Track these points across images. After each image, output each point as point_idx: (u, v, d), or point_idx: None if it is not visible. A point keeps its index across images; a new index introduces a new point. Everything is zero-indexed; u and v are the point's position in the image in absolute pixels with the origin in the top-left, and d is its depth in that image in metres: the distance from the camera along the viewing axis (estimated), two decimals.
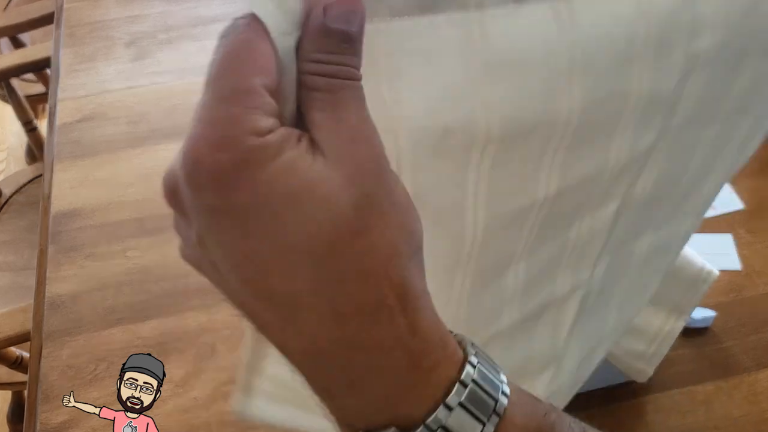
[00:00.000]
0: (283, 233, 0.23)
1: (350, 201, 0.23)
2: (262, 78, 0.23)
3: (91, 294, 0.84)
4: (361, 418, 0.26)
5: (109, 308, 0.83)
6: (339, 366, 0.25)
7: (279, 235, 0.23)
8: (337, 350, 0.25)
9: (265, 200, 0.23)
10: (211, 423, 0.74)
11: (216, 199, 0.23)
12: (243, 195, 0.23)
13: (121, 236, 0.90)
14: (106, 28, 1.19)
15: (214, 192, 0.23)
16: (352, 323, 0.24)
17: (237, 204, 0.23)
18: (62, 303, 0.84)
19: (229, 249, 0.24)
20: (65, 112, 1.06)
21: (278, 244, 0.24)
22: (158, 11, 1.22)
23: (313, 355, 0.25)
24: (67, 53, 1.15)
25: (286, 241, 0.23)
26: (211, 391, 0.76)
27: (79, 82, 1.10)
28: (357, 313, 0.24)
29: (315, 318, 0.24)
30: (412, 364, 0.25)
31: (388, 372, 0.25)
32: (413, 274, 0.25)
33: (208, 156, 0.23)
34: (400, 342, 0.25)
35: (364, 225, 0.24)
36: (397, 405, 0.26)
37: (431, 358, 0.26)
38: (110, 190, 0.95)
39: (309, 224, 0.23)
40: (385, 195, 0.25)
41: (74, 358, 0.79)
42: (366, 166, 0.24)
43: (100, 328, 0.82)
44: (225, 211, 0.24)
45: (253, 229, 0.23)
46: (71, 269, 0.87)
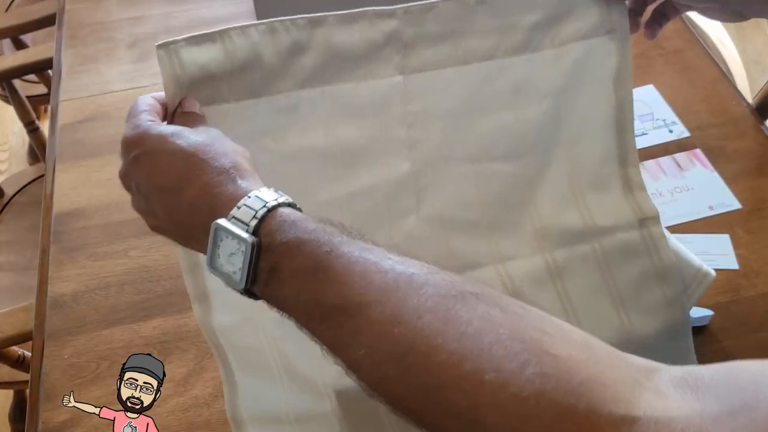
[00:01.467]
0: (166, 163, 0.47)
1: (189, 148, 0.48)
2: (149, 106, 0.52)
3: (93, 293, 0.85)
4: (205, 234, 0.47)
5: (111, 307, 0.83)
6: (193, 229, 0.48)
7: (164, 163, 0.48)
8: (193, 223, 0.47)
9: (158, 145, 0.48)
10: (212, 421, 0.74)
11: (136, 150, 0.48)
12: (148, 143, 0.48)
13: (122, 236, 0.90)
14: (108, 30, 1.20)
15: (135, 147, 0.49)
16: (190, 212, 0.47)
17: (146, 149, 0.48)
18: (64, 302, 0.84)
19: (147, 174, 0.48)
20: (67, 113, 1.06)
21: (164, 167, 0.48)
22: (160, 13, 1.22)
23: (180, 228, 0.49)
24: (69, 54, 1.16)
25: (166, 166, 0.48)
26: (212, 390, 0.76)
27: (81, 83, 1.11)
28: (189, 208, 0.47)
29: (178, 212, 0.47)
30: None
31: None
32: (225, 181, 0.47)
33: (129, 133, 0.49)
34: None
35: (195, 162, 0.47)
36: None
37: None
38: (111, 191, 0.95)
39: (174, 158, 0.47)
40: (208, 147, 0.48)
41: (76, 357, 0.79)
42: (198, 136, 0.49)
43: (101, 328, 0.82)
44: (141, 155, 0.48)
45: (156, 161, 0.48)
46: (73, 269, 0.87)
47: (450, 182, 0.61)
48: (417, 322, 0.37)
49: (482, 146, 0.62)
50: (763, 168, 0.94)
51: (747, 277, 0.83)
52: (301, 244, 0.42)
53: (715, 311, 0.78)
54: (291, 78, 0.58)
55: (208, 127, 0.52)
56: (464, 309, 0.38)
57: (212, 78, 0.55)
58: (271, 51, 0.56)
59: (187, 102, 0.55)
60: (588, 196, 0.64)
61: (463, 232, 0.62)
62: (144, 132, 0.49)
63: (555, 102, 0.63)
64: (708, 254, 0.84)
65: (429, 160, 0.61)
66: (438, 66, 0.61)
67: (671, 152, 0.96)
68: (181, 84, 0.54)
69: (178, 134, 0.48)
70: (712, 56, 1.10)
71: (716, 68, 1.08)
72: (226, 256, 0.43)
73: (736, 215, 0.89)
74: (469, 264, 0.61)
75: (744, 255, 0.85)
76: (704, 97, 1.03)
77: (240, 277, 0.43)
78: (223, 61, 0.55)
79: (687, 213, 0.89)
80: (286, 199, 0.45)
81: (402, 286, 0.39)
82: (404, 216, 0.61)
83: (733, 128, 0.99)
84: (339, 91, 0.59)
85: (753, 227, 0.88)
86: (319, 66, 0.58)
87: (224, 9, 1.22)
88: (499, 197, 0.63)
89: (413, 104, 0.61)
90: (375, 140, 0.60)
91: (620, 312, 0.61)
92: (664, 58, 1.08)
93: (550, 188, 0.64)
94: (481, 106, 0.62)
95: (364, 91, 0.60)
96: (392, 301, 0.39)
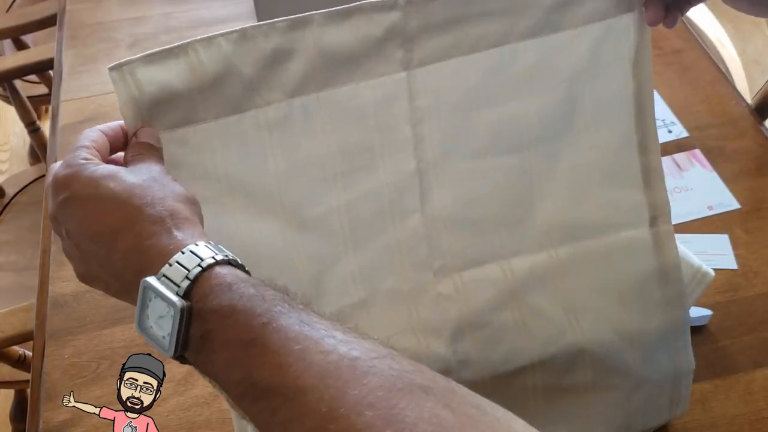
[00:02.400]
0: (98, 209, 0.43)
1: (122, 193, 0.43)
2: (90, 142, 0.47)
3: (94, 293, 0.85)
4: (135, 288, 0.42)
5: (112, 307, 0.84)
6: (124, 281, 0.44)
7: (95, 210, 0.43)
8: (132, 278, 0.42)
9: (88, 189, 0.44)
10: (212, 420, 0.74)
11: (65, 192, 0.44)
12: (78, 187, 0.44)
13: None
14: (109, 30, 1.20)
15: (64, 189, 0.44)
16: (121, 262, 0.43)
17: (75, 193, 0.44)
18: (65, 302, 0.84)
19: (77, 221, 0.44)
20: (68, 113, 1.06)
21: (95, 214, 0.43)
22: (160, 13, 1.22)
23: (117, 284, 0.45)
24: (70, 55, 1.16)
25: (97, 214, 0.43)
26: (212, 389, 0.76)
27: (82, 83, 1.11)
28: (122, 261, 0.43)
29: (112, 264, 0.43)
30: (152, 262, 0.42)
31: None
32: (158, 228, 0.42)
33: (60, 173, 0.45)
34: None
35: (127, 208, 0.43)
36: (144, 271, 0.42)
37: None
38: None
39: (105, 205, 0.43)
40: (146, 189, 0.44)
41: (77, 357, 0.80)
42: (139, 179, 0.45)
43: (102, 327, 0.82)
44: (70, 199, 0.44)
45: (86, 207, 0.44)
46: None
47: (455, 179, 0.59)
48: (356, 419, 0.33)
49: (489, 139, 0.59)
50: (762, 168, 0.94)
51: (746, 277, 0.83)
52: (235, 313, 0.38)
53: (714, 311, 0.78)
54: (278, 88, 0.53)
55: (151, 164, 0.47)
56: (410, 407, 0.33)
57: (181, 97, 0.50)
58: (249, 61, 0.51)
59: (143, 132, 0.50)
60: (601, 189, 0.61)
61: (467, 230, 0.60)
62: (74, 173, 0.44)
63: (570, 88, 0.59)
64: (707, 254, 0.85)
65: (434, 157, 0.58)
66: (445, 57, 0.56)
67: (670, 152, 0.96)
68: (140, 108, 0.49)
69: (113, 176, 0.44)
70: (711, 56, 1.10)
71: (715, 68, 1.08)
72: (156, 318, 0.40)
73: (735, 215, 0.89)
74: (472, 262, 0.60)
75: (743, 255, 0.85)
76: (703, 98, 1.03)
77: (169, 343, 0.39)
78: (189, 78, 0.50)
79: (686, 213, 0.89)
80: (225, 256, 0.41)
81: (343, 373, 0.35)
82: (408, 216, 0.59)
83: (733, 128, 0.99)
84: (336, 96, 0.55)
85: (752, 227, 0.88)
86: (310, 71, 0.53)
87: (224, 9, 1.22)
88: (505, 192, 0.60)
89: (419, 100, 0.57)
90: (378, 143, 0.57)
91: (620, 311, 0.61)
92: (663, 58, 1.09)
93: (559, 182, 0.61)
94: (489, 96, 0.58)
95: (365, 92, 0.56)
96: (331, 390, 0.34)
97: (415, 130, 0.58)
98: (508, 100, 0.59)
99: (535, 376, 0.61)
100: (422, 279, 0.59)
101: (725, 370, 0.75)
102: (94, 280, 0.47)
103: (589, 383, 0.62)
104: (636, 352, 0.62)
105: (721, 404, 0.73)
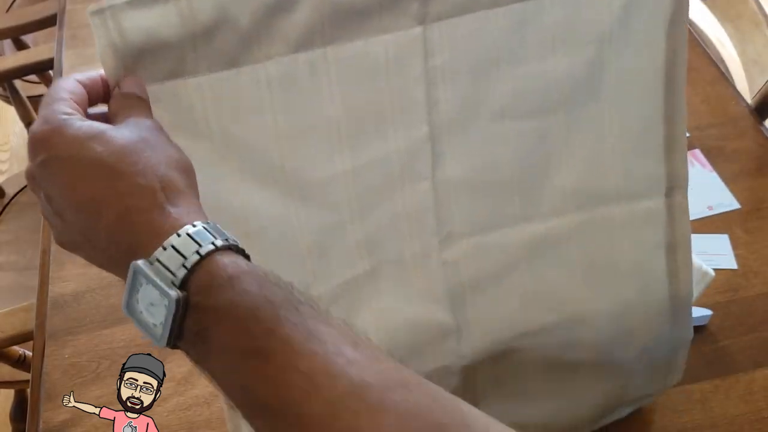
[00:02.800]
0: (81, 176, 0.38)
1: (109, 158, 0.39)
2: (68, 94, 0.42)
3: (94, 293, 0.85)
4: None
5: (112, 307, 0.84)
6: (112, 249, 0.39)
7: (79, 176, 0.38)
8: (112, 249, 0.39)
9: (71, 151, 0.39)
10: (212, 420, 0.74)
11: (45, 153, 0.39)
12: (60, 147, 0.39)
13: None
14: None
15: (43, 149, 0.39)
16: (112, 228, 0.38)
17: (57, 153, 0.39)
18: (65, 302, 0.84)
19: (59, 186, 0.39)
20: None
21: (79, 181, 0.38)
22: None
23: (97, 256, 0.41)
24: (70, 55, 1.16)
25: (81, 180, 0.39)
26: (212, 389, 0.76)
27: None
28: (108, 237, 0.38)
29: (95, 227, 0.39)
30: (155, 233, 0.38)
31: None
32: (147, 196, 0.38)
33: (38, 129, 0.39)
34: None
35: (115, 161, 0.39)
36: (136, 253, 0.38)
37: None
38: None
39: (90, 171, 0.38)
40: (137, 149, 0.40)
41: (77, 357, 0.80)
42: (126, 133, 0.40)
43: (102, 327, 0.82)
44: (50, 160, 0.39)
45: (69, 171, 0.39)
46: (74, 269, 0.88)
47: (469, 144, 0.55)
48: None
49: (509, 102, 0.54)
50: (762, 168, 0.94)
51: (746, 277, 0.83)
52: (236, 314, 0.34)
53: (714, 311, 0.78)
54: (281, 40, 0.48)
55: (141, 119, 0.42)
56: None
57: (170, 47, 0.45)
58: (247, 11, 0.46)
59: (127, 82, 0.44)
60: (620, 157, 0.57)
61: (478, 195, 0.57)
62: (55, 130, 0.39)
63: (598, 51, 0.54)
64: (707, 254, 0.85)
65: (449, 121, 0.54)
66: (465, 11, 0.51)
67: None
68: (123, 57, 0.44)
69: (99, 137, 0.39)
70: (711, 56, 1.10)
71: (715, 68, 1.08)
72: (146, 305, 0.37)
73: (735, 215, 0.89)
74: (480, 228, 0.57)
75: (743, 255, 0.85)
76: (703, 98, 1.03)
77: (161, 333, 0.36)
78: (179, 27, 0.45)
79: None
80: (225, 240, 0.37)
81: (353, 404, 0.32)
82: (417, 183, 0.55)
83: (732, 128, 0.99)
84: (345, 51, 0.50)
85: (752, 227, 0.88)
86: (317, 23, 0.48)
87: None
88: (521, 157, 0.56)
89: (435, 58, 0.52)
90: (389, 105, 0.52)
91: (625, 281, 0.59)
92: None
93: (578, 148, 0.57)
94: (511, 55, 0.53)
95: (376, 48, 0.50)
96: (338, 423, 0.31)
97: (429, 92, 0.53)
98: (532, 59, 0.54)
99: (534, 350, 0.60)
100: (427, 246, 0.57)
101: (725, 370, 0.75)
102: (76, 249, 0.42)
103: (591, 358, 0.61)
104: (639, 323, 0.60)
105: (721, 404, 0.73)
